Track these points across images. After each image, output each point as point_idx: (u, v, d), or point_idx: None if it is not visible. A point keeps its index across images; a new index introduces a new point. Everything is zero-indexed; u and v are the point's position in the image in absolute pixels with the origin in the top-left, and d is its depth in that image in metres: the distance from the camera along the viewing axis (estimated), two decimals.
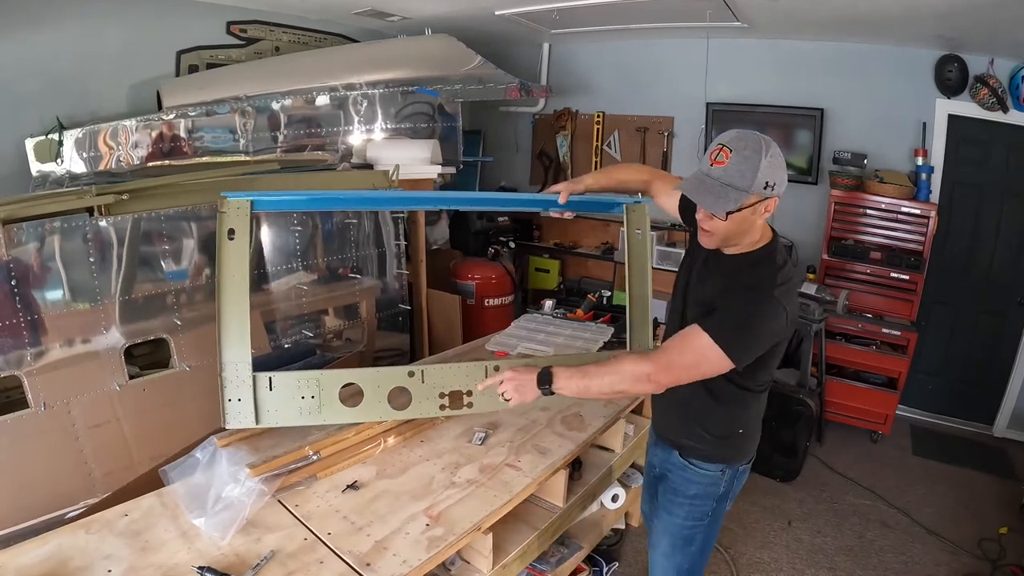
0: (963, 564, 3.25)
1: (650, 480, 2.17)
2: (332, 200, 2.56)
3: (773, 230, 1.78)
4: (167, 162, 3.48)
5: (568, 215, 2.19)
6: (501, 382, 1.85)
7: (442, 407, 2.10)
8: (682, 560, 2.03)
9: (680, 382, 1.72)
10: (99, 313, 2.69)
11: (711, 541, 2.06)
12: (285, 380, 1.95)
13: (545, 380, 1.78)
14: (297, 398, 1.96)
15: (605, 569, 2.98)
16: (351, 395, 2.07)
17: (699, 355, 1.63)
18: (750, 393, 1.86)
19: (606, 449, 2.77)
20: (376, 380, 2.05)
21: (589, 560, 2.94)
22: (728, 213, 1.59)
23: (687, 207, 1.93)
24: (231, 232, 1.82)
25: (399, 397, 2.13)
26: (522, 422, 2.48)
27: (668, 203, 2.12)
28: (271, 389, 1.94)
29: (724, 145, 1.58)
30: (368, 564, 1.64)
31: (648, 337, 2.36)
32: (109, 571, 1.56)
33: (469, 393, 2.12)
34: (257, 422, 1.93)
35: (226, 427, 1.86)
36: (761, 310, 1.62)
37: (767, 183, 1.56)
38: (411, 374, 2.08)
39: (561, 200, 2.06)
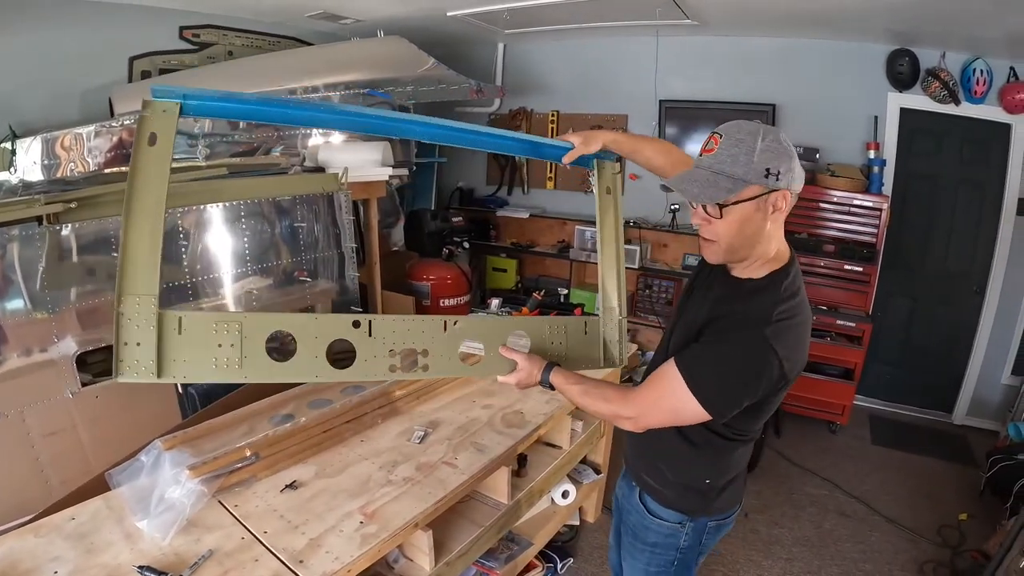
0: (922, 551, 3.29)
1: (615, 514, 2.01)
2: (287, 110, 1.74)
3: (792, 253, 1.52)
4: (121, 168, 3.46)
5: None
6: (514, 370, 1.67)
7: (392, 368, 1.66)
8: None
9: (663, 425, 1.52)
10: (51, 321, 2.69)
11: None
12: (199, 322, 1.51)
13: (547, 376, 1.62)
14: (213, 346, 1.51)
15: (559, 565, 3.01)
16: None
17: (675, 401, 1.41)
18: (728, 442, 1.59)
19: (553, 446, 2.80)
20: (313, 330, 1.59)
21: (543, 556, 2.97)
22: (721, 207, 1.36)
23: None
24: (153, 137, 1.42)
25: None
26: (462, 420, 2.51)
27: None
28: (180, 332, 1.49)
29: (716, 132, 1.39)
30: (301, 561, 1.67)
31: None
32: (55, 572, 1.59)
33: (426, 353, 1.69)
34: (159, 374, 1.46)
35: (118, 379, 1.43)
36: (748, 354, 1.37)
37: (768, 170, 1.33)
38: (356, 324, 1.63)
39: (565, 160, 1.76)
